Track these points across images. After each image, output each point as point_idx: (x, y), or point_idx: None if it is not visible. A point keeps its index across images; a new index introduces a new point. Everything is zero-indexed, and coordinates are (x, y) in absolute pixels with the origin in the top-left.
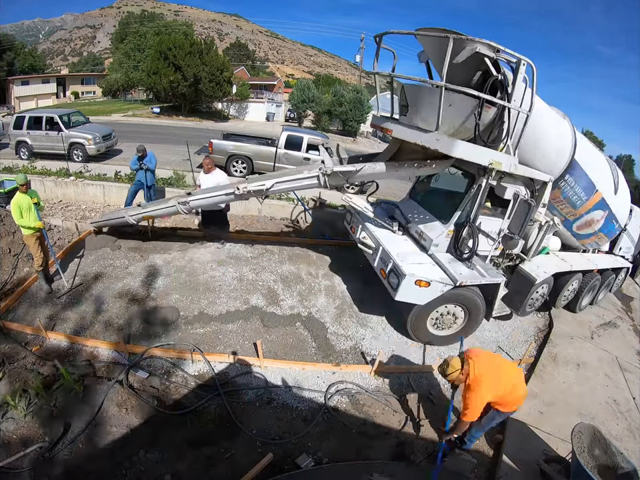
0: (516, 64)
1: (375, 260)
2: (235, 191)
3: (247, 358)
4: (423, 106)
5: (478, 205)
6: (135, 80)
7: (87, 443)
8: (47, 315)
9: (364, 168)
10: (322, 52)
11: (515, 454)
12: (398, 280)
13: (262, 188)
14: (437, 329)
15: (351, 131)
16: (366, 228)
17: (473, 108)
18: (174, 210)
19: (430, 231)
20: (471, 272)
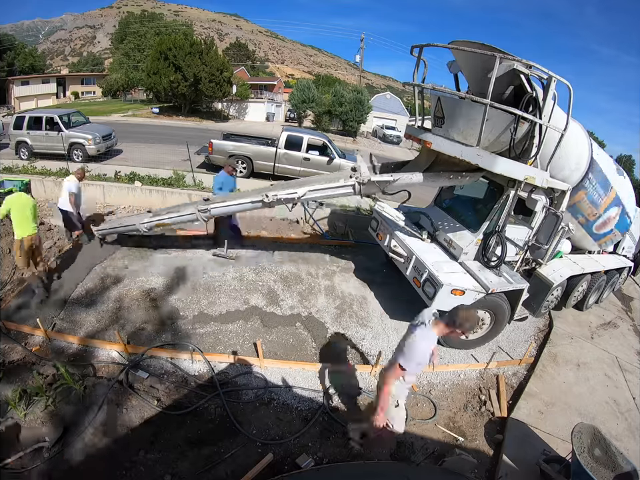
0: (547, 80)
1: (407, 269)
2: (263, 199)
3: (247, 358)
4: (460, 119)
5: (506, 215)
6: (135, 80)
7: (87, 442)
8: (47, 314)
9: (401, 178)
10: (322, 52)
11: (515, 454)
12: (435, 289)
13: (293, 196)
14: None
15: (350, 131)
16: (396, 236)
17: (508, 123)
18: (193, 217)
19: (459, 239)
20: (499, 279)
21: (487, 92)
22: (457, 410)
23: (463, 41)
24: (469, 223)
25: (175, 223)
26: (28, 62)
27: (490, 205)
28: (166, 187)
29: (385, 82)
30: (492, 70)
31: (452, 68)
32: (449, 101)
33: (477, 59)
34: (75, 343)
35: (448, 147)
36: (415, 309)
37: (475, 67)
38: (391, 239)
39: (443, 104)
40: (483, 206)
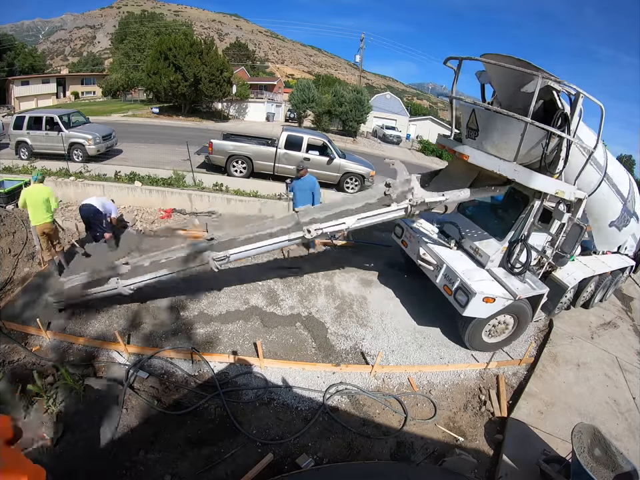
0: (575, 96)
1: (436, 277)
2: (304, 235)
3: (247, 358)
4: (494, 132)
5: (531, 224)
6: (135, 80)
7: (87, 442)
8: (47, 314)
9: (451, 196)
10: (322, 52)
11: (515, 454)
12: (467, 298)
13: (342, 227)
14: (489, 337)
15: (350, 131)
16: (423, 244)
17: (540, 138)
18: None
19: (486, 247)
20: (524, 285)
21: (516, 104)
22: (457, 410)
23: (498, 55)
24: (494, 231)
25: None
26: (28, 62)
27: (512, 212)
28: (166, 187)
29: (385, 82)
30: (525, 84)
31: (481, 78)
32: (485, 114)
33: (509, 73)
34: (75, 343)
35: (485, 161)
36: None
37: (507, 81)
38: (418, 247)
39: (477, 116)
40: (505, 213)
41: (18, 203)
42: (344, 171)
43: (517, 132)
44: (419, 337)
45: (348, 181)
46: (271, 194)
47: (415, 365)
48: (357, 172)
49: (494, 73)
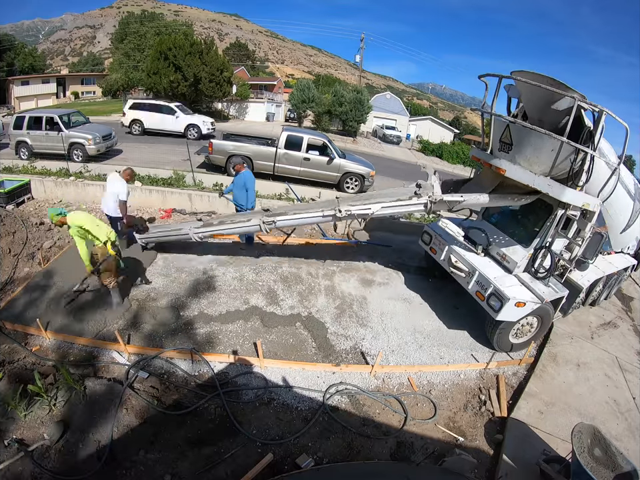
0: (598, 114)
1: (468, 283)
2: (335, 214)
3: (247, 358)
4: (528, 147)
5: (555, 231)
6: (135, 80)
7: (87, 442)
8: (47, 314)
9: (470, 198)
10: (322, 52)
11: (515, 454)
12: (501, 303)
13: (367, 212)
14: (516, 338)
15: (350, 131)
16: (454, 251)
17: (569, 154)
18: (256, 229)
19: (513, 254)
20: (548, 289)
21: (545, 119)
22: (457, 410)
23: (532, 73)
24: (520, 237)
25: (234, 233)
26: (28, 62)
27: (534, 220)
28: (166, 187)
29: (385, 82)
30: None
31: (510, 91)
32: (519, 129)
33: (541, 91)
34: (75, 343)
35: (522, 175)
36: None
37: (538, 97)
38: (449, 255)
39: (512, 131)
40: (528, 221)
41: None
42: (344, 170)
43: (548, 147)
44: (419, 337)
45: (348, 180)
46: (271, 194)
47: (415, 365)
48: (357, 172)
49: (524, 89)
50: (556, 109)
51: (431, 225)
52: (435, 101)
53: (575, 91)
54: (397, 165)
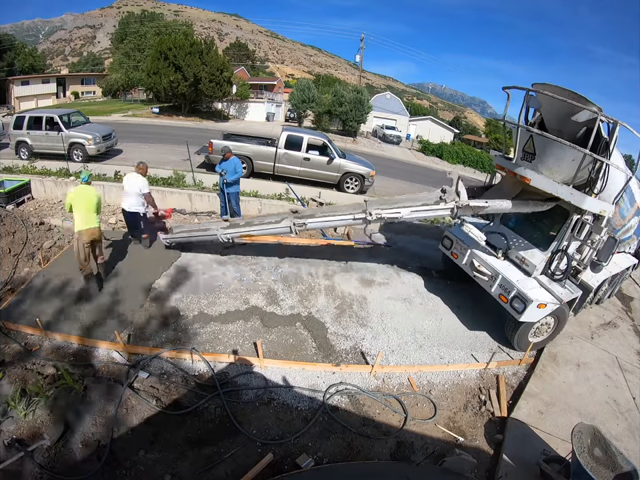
0: (613, 125)
1: (491, 286)
2: (366, 216)
3: (247, 358)
4: (550, 157)
5: (571, 236)
6: (135, 80)
7: (87, 443)
8: (47, 314)
9: (493, 204)
10: (322, 52)
11: (515, 454)
12: (524, 305)
13: (397, 216)
14: (534, 337)
15: (350, 131)
16: (476, 256)
17: (588, 163)
18: (286, 231)
19: (532, 257)
20: (565, 290)
21: (564, 129)
22: (457, 410)
23: (554, 86)
24: (538, 242)
25: (263, 234)
26: (28, 62)
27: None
28: (166, 186)
29: (385, 82)
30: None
31: (531, 102)
32: (542, 140)
33: (562, 103)
34: (75, 343)
35: (545, 184)
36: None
37: (559, 109)
38: (471, 259)
39: (535, 142)
40: (545, 225)
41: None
42: (344, 170)
43: (569, 157)
44: (419, 337)
45: (348, 180)
46: (271, 194)
47: (415, 365)
48: (357, 172)
49: (545, 101)
50: (575, 121)
51: (452, 229)
52: (435, 101)
53: (594, 104)
54: (397, 165)
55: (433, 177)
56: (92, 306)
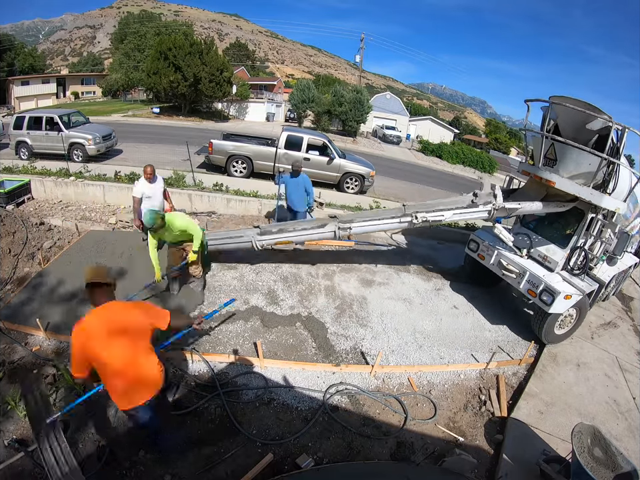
0: (621, 131)
1: (519, 283)
2: (412, 220)
3: (247, 358)
4: (571, 162)
5: (588, 233)
6: (135, 80)
7: (86, 443)
8: (47, 315)
9: (525, 206)
10: (322, 52)
11: (515, 454)
12: (553, 297)
13: (441, 218)
14: (559, 329)
15: (350, 131)
16: (503, 256)
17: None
18: (330, 236)
19: (553, 254)
20: (584, 283)
21: (579, 137)
22: (457, 410)
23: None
24: (557, 240)
25: (303, 240)
26: (28, 62)
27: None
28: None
29: (384, 82)
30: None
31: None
32: (563, 147)
33: (578, 113)
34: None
35: (569, 187)
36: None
37: (574, 119)
38: (498, 259)
39: (556, 148)
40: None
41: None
42: (344, 170)
43: (586, 162)
44: (419, 337)
45: (348, 181)
46: (271, 194)
47: (414, 365)
48: (357, 172)
49: (561, 111)
50: (590, 129)
51: (477, 232)
52: (434, 101)
53: (605, 113)
54: (397, 165)
55: (433, 176)
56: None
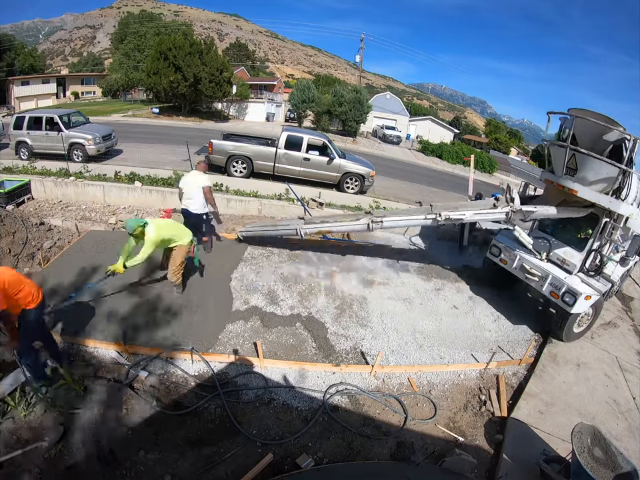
0: (634, 142)
1: (543, 286)
2: (436, 217)
3: (247, 358)
4: (590, 172)
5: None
6: (135, 80)
7: (86, 443)
8: (46, 314)
9: (540, 209)
10: (322, 52)
11: (515, 454)
12: (575, 298)
13: (462, 217)
14: (577, 327)
15: (350, 131)
16: (526, 260)
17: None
18: (363, 228)
19: (571, 257)
20: (600, 283)
21: (595, 147)
22: (457, 410)
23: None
24: (573, 243)
25: (341, 231)
26: (28, 62)
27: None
28: (166, 187)
29: (384, 82)
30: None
31: (566, 123)
32: (583, 157)
33: (595, 125)
34: (75, 343)
35: (590, 195)
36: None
37: (592, 130)
38: (521, 262)
39: (577, 160)
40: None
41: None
42: (344, 171)
43: (604, 171)
44: (419, 337)
45: (348, 181)
46: (271, 194)
47: (415, 365)
48: (357, 172)
49: (580, 122)
50: (606, 140)
51: (498, 237)
52: (434, 101)
53: (620, 125)
54: (397, 165)
55: (433, 176)
56: (85, 307)
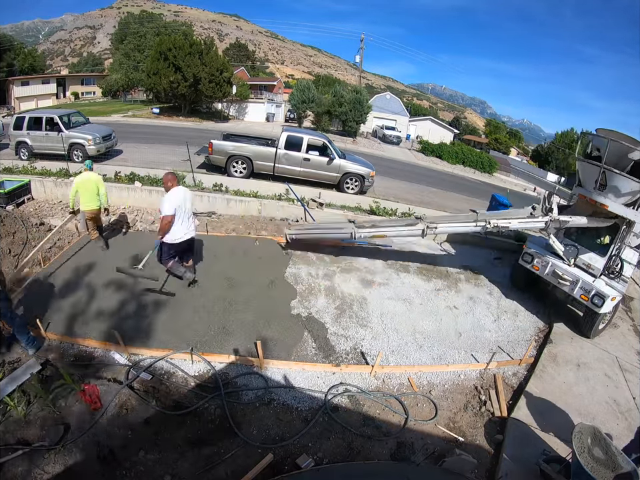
0: None
1: (573, 289)
2: (486, 224)
3: (247, 358)
4: (618, 187)
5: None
6: (135, 80)
7: (87, 443)
8: (46, 315)
9: (574, 219)
10: (322, 52)
11: (515, 454)
12: (603, 300)
13: (508, 225)
14: (601, 325)
15: (350, 132)
16: (557, 266)
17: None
18: (417, 233)
19: (595, 262)
20: (620, 285)
21: (620, 164)
22: (457, 410)
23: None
24: (596, 249)
25: (395, 236)
26: (28, 62)
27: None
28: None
29: (384, 82)
30: (631, 153)
31: (595, 141)
32: (613, 175)
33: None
34: (75, 344)
35: (619, 209)
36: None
37: (619, 149)
38: (553, 269)
39: (607, 177)
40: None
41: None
42: (344, 171)
43: (629, 187)
44: (419, 337)
45: (348, 181)
46: (271, 194)
47: (415, 365)
48: (357, 172)
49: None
50: (631, 158)
51: (529, 245)
52: (434, 101)
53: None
54: (397, 166)
55: (433, 177)
56: (83, 303)
